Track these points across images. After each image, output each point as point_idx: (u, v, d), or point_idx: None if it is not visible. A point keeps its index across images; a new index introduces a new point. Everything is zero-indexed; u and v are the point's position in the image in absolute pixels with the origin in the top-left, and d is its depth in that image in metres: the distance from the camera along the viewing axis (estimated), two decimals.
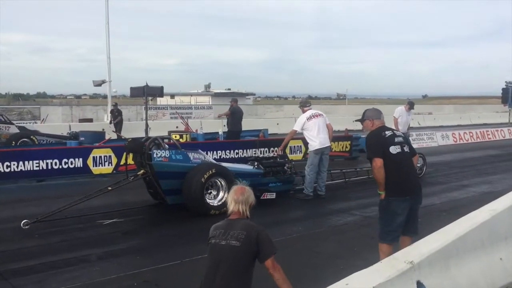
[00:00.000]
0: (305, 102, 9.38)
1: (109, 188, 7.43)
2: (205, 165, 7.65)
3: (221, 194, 7.60)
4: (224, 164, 8.30)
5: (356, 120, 6.14)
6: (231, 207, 3.24)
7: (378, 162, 4.51)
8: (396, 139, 4.69)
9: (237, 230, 3.11)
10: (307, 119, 8.83)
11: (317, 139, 8.68)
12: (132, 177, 7.60)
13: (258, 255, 3.10)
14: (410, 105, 12.83)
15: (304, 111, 9.06)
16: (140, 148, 7.50)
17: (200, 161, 7.72)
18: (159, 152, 7.30)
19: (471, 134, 22.05)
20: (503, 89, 30.94)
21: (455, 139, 21.01)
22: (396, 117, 12.62)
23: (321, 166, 8.84)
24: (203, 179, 7.30)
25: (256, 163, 8.82)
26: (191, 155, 7.69)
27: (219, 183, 7.64)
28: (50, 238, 6.32)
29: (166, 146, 7.60)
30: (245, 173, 8.19)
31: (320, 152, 8.73)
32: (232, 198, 3.26)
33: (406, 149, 4.72)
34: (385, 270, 3.38)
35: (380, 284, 3.19)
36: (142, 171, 7.51)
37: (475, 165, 14.05)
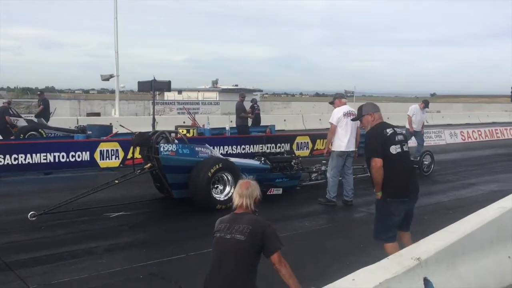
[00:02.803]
0: (342, 95, 8.55)
1: (116, 181, 7.45)
2: (212, 159, 7.64)
3: (227, 188, 7.59)
4: (231, 159, 8.29)
5: (353, 119, 5.88)
6: (236, 201, 3.23)
7: (378, 162, 4.37)
8: (397, 138, 4.50)
9: (243, 224, 3.10)
10: (344, 114, 7.88)
11: (344, 140, 7.86)
12: (139, 171, 7.62)
13: (264, 250, 3.08)
14: (425, 103, 12.77)
15: (338, 105, 8.09)
16: (147, 141, 7.51)
17: (207, 156, 7.71)
18: (166, 146, 7.30)
19: (479, 133, 21.88)
20: None
21: (463, 137, 20.87)
22: (410, 115, 12.57)
23: (345, 169, 8.11)
24: (209, 174, 7.29)
25: (263, 159, 8.80)
26: (198, 149, 7.69)
27: (225, 177, 7.62)
28: (57, 230, 6.35)
29: (174, 140, 7.60)
30: (251, 168, 8.18)
31: (345, 155, 7.98)
32: (237, 192, 3.25)
33: (405, 148, 4.56)
34: (392, 267, 3.36)
35: (387, 280, 3.17)
36: (149, 164, 7.52)
37: (484, 163, 13.95)
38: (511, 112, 37.28)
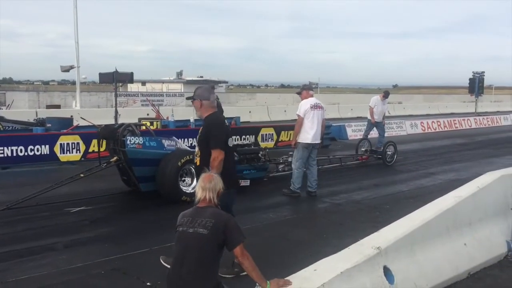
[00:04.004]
0: (309, 87, 8.53)
1: (81, 175, 7.29)
2: (180, 152, 7.60)
3: (195, 181, 7.54)
4: None
5: (188, 98, 5.14)
6: (199, 194, 3.22)
7: (222, 154, 4.35)
8: (229, 130, 4.72)
9: (205, 218, 3.09)
10: (311, 107, 7.97)
11: (311, 132, 7.91)
12: (105, 164, 7.47)
13: (226, 243, 3.09)
14: (385, 94, 13.00)
15: (305, 96, 8.13)
16: (113, 134, 7.38)
17: (174, 148, 7.67)
18: (132, 139, 7.19)
19: (439, 123, 22.53)
20: (470, 79, 31.67)
21: (423, 128, 21.44)
22: (372, 107, 12.78)
23: (310, 160, 8.15)
24: (177, 166, 7.26)
25: None
26: (165, 142, 7.62)
27: (193, 170, 7.58)
28: (16, 226, 6.16)
29: (139, 133, 7.51)
30: None
31: (310, 146, 8.03)
32: (200, 186, 3.24)
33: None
34: (353, 256, 3.43)
35: (348, 269, 3.23)
36: (115, 158, 7.40)
37: (443, 153, 14.37)
38: (468, 103, 38.48)
